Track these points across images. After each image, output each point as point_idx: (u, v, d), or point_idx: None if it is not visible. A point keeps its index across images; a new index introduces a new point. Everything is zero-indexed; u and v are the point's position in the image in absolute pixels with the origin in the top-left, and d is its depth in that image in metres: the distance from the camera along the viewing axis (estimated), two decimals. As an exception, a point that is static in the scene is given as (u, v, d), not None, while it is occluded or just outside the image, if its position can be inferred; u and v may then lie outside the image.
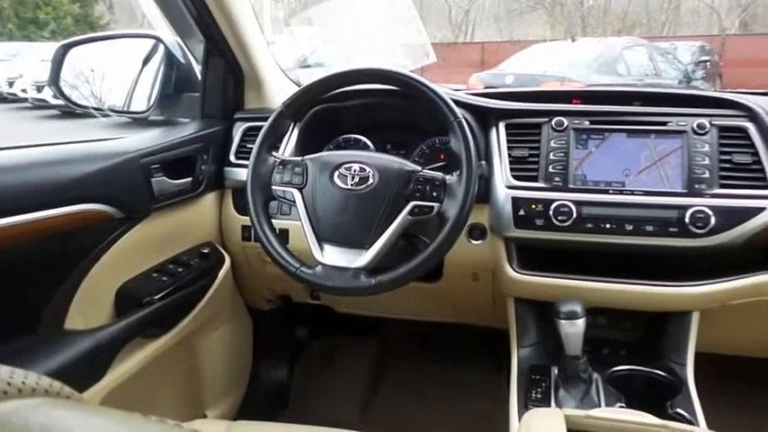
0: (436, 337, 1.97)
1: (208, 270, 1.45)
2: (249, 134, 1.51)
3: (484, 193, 1.29)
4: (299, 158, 1.22)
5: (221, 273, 1.47)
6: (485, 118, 1.35)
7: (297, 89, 1.27)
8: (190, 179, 1.41)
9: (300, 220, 1.17)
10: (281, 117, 1.25)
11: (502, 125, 1.33)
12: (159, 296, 1.27)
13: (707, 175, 1.18)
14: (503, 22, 19.07)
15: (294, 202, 1.18)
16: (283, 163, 1.22)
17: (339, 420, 1.07)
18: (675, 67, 8.02)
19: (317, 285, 1.15)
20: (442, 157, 1.41)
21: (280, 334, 1.93)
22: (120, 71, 1.77)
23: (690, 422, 1.08)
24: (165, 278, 1.32)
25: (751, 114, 1.22)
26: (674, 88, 1.54)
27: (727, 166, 1.19)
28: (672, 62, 8.18)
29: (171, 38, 1.62)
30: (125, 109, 1.71)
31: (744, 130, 1.21)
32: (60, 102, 1.55)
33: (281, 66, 1.66)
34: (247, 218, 1.22)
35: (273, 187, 1.21)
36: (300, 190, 1.19)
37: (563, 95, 1.40)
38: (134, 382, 1.24)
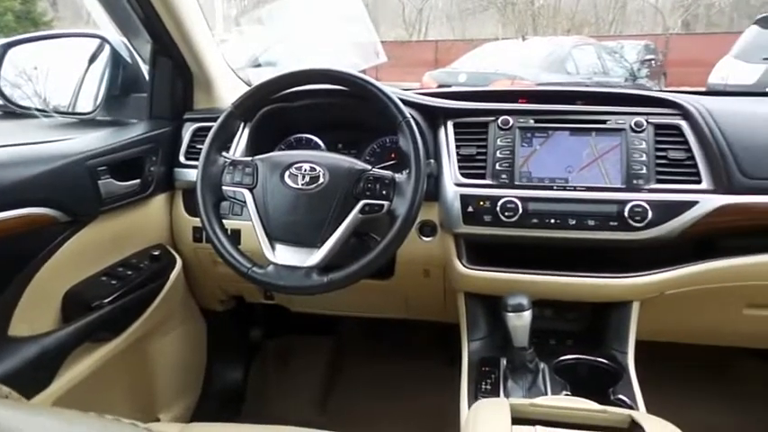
0: (391, 333, 1.99)
1: (159, 272, 1.43)
2: (199, 135, 1.50)
3: (434, 191, 1.32)
4: (250, 159, 1.22)
5: (173, 275, 1.46)
6: (433, 117, 1.38)
7: (247, 89, 1.27)
8: (138, 181, 1.39)
9: (251, 220, 1.17)
10: (230, 117, 1.25)
11: (450, 124, 1.36)
12: (109, 300, 1.25)
13: (644, 170, 1.23)
14: (456, 20, 19.27)
15: (245, 202, 1.19)
16: (233, 163, 1.22)
17: (295, 419, 1.08)
18: (622, 66, 8.25)
19: (268, 285, 1.16)
20: (393, 155, 1.43)
21: (234, 335, 1.92)
22: (64, 70, 1.73)
23: (630, 407, 1.13)
24: (114, 281, 1.30)
25: (684, 113, 1.28)
26: (613, 88, 1.60)
27: (663, 162, 1.25)
28: (619, 61, 8.40)
29: (117, 37, 1.59)
30: (70, 110, 1.68)
31: (678, 128, 1.27)
32: (0, 102, 1.51)
33: (233, 65, 1.65)
34: (198, 219, 1.22)
35: (224, 188, 1.21)
36: (251, 190, 1.19)
37: (509, 95, 1.44)
38: (83, 388, 1.22)
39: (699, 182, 1.22)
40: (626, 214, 1.20)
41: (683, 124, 1.27)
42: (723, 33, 12.21)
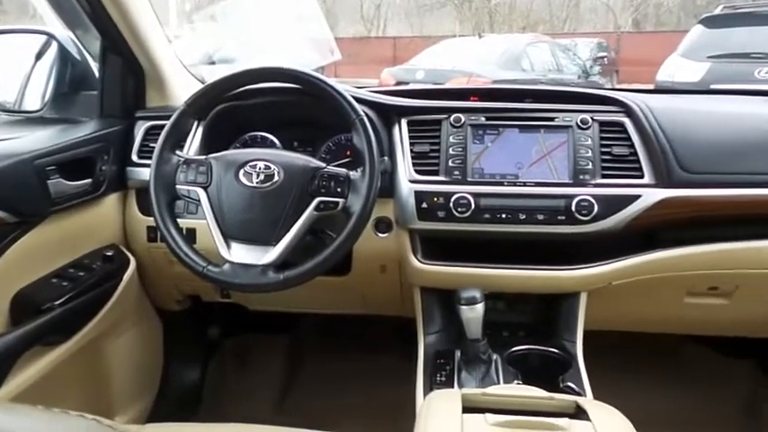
0: (349, 329, 2.01)
1: (112, 273, 1.41)
2: (152, 133, 1.48)
3: (389, 188, 1.34)
4: (204, 157, 1.22)
5: (126, 275, 1.44)
6: (387, 115, 1.40)
7: (201, 87, 1.27)
8: (90, 180, 1.37)
9: (206, 218, 1.17)
10: (183, 116, 1.24)
11: (404, 122, 1.39)
12: (59, 302, 1.23)
13: (590, 166, 1.28)
14: (414, 16, 19.37)
15: (199, 201, 1.18)
16: (187, 162, 1.21)
17: (253, 418, 1.08)
18: (576, 63, 8.45)
19: (224, 283, 1.16)
20: (348, 153, 1.44)
21: (191, 334, 1.90)
22: (9, 67, 1.69)
23: (578, 393, 1.18)
24: (65, 283, 1.28)
25: (627, 110, 1.33)
26: (561, 86, 1.65)
27: (608, 157, 1.30)
28: (572, 58, 8.61)
29: (65, 33, 1.56)
30: (16, 107, 1.63)
31: (621, 125, 1.32)
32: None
33: (186, 62, 1.63)
34: (152, 218, 1.21)
35: (178, 186, 1.20)
36: (205, 189, 1.18)
37: (461, 93, 1.47)
38: (35, 392, 1.20)
39: (641, 176, 1.28)
40: (573, 208, 1.24)
41: (627, 121, 1.32)
42: (671, 32, 12.61)
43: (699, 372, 1.88)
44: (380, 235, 1.38)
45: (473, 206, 1.27)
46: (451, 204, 1.27)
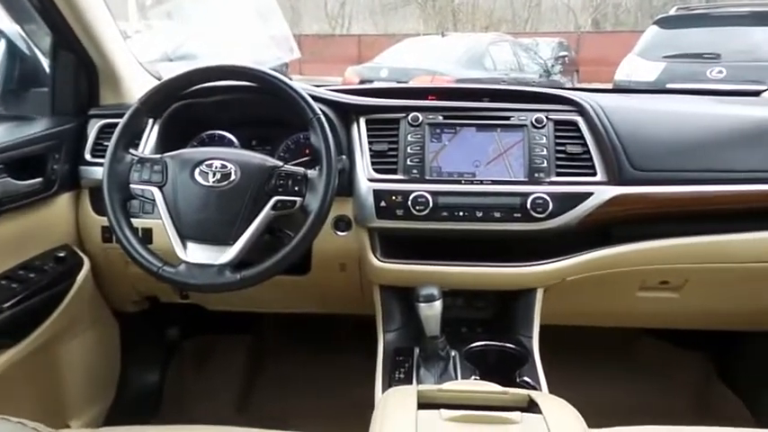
0: (312, 328, 2.00)
1: (65, 274, 1.38)
2: (105, 131, 1.45)
3: (347, 187, 1.34)
4: (158, 156, 1.20)
5: (80, 276, 1.41)
6: (346, 114, 1.40)
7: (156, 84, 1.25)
8: (40, 179, 1.33)
9: (162, 218, 1.16)
10: (137, 113, 1.22)
11: (362, 120, 1.39)
12: (8, 304, 1.20)
13: (545, 164, 1.30)
14: (378, 15, 19.39)
15: (154, 200, 1.17)
16: (141, 161, 1.19)
17: (214, 419, 1.07)
18: (537, 62, 8.57)
19: (179, 284, 1.15)
20: (307, 151, 1.44)
21: (149, 336, 1.87)
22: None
23: (533, 387, 1.20)
24: (14, 285, 1.25)
25: (580, 109, 1.36)
26: (518, 86, 1.68)
27: (562, 156, 1.32)
28: (534, 57, 8.72)
29: (13, 28, 1.51)
30: (-40, 105, 1.58)
31: (575, 124, 1.35)
32: None
33: (145, 59, 1.60)
34: (106, 218, 1.19)
35: (132, 186, 1.18)
36: (160, 188, 1.17)
37: (420, 92, 1.48)
38: (-17, 398, 1.17)
39: (594, 174, 1.31)
40: (528, 206, 1.26)
41: (580, 120, 1.35)
42: (629, 32, 12.89)
43: (652, 364, 1.94)
44: (340, 234, 1.39)
45: (431, 204, 1.28)
46: (410, 203, 1.28)
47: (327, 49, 14.97)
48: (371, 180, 1.32)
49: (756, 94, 1.64)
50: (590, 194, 1.28)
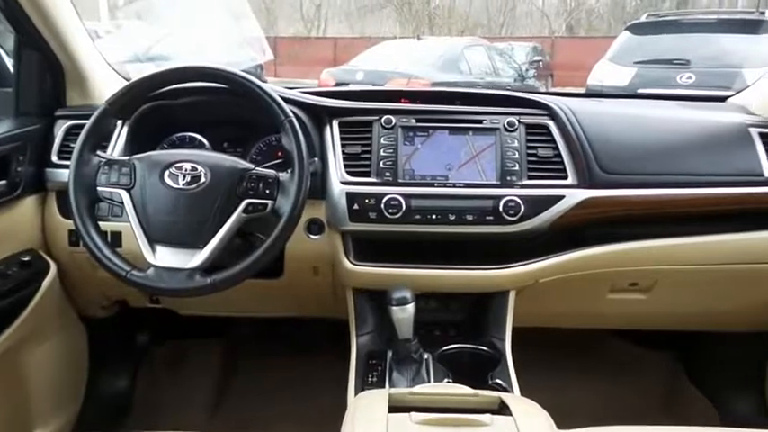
0: (285, 332, 1.99)
1: (30, 279, 1.35)
2: (72, 133, 1.43)
3: (320, 189, 1.33)
4: (127, 158, 1.18)
5: (46, 281, 1.38)
6: (319, 116, 1.39)
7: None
8: (4, 182, 1.31)
9: (130, 221, 1.14)
10: (105, 115, 1.20)
11: (335, 123, 1.38)
12: None
13: (516, 167, 1.31)
14: (354, 18, 19.40)
15: (122, 203, 1.15)
16: (109, 163, 1.18)
17: (186, 425, 1.05)
18: (512, 67, 8.66)
19: (148, 288, 1.13)
20: (280, 154, 1.43)
21: (118, 341, 1.84)
22: None
23: (505, 389, 1.21)
24: None
25: (551, 113, 1.37)
26: (492, 89, 1.69)
27: (534, 159, 1.33)
28: (509, 61, 8.81)
29: (-25, 27, 1.47)
30: None
31: (546, 127, 1.36)
32: None
33: (116, 59, 1.58)
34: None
35: (99, 189, 1.17)
36: (128, 191, 1.15)
37: (393, 95, 1.48)
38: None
39: (565, 177, 1.32)
40: (501, 209, 1.27)
41: (551, 124, 1.36)
42: (602, 38, 13.09)
43: (622, 365, 1.96)
44: (312, 237, 1.38)
45: (404, 207, 1.28)
46: (383, 205, 1.28)
47: (303, 51, 14.92)
48: (344, 183, 1.32)
49: (722, 99, 1.67)
50: (561, 197, 1.29)
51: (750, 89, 1.61)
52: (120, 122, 1.35)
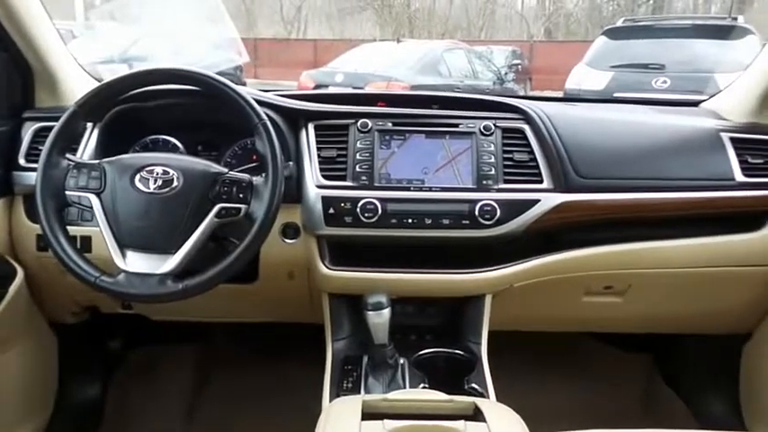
0: (259, 337, 1.97)
1: None
2: (41, 135, 1.40)
3: (296, 193, 1.32)
4: (96, 161, 1.16)
5: (12, 287, 1.34)
6: (294, 119, 1.38)
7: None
8: None
9: (99, 226, 1.12)
10: (74, 117, 1.18)
11: (311, 126, 1.37)
12: None
13: (493, 171, 1.31)
14: (334, 20, 19.39)
15: (91, 207, 1.13)
16: (78, 166, 1.15)
17: None
18: (491, 70, 8.71)
19: (118, 294, 1.11)
20: (255, 157, 1.42)
21: (89, 348, 1.80)
22: None
23: (481, 394, 1.20)
24: None
25: (527, 117, 1.38)
26: (469, 93, 1.69)
27: (509, 163, 1.34)
28: (488, 65, 8.86)
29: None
30: None
31: (522, 132, 1.37)
32: None
33: (89, 60, 1.55)
34: None
35: (67, 192, 1.14)
36: (98, 195, 1.13)
37: (369, 98, 1.48)
38: None
39: (540, 181, 1.33)
40: (477, 213, 1.27)
41: (527, 128, 1.37)
42: (580, 42, 13.25)
43: (598, 368, 1.98)
44: (288, 241, 1.36)
45: (380, 211, 1.27)
46: (358, 210, 1.27)
47: (283, 53, 14.88)
48: (320, 187, 1.31)
49: (695, 104, 1.69)
50: (536, 201, 1.30)
51: (721, 94, 1.63)
52: (90, 125, 1.33)
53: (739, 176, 1.36)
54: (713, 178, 1.36)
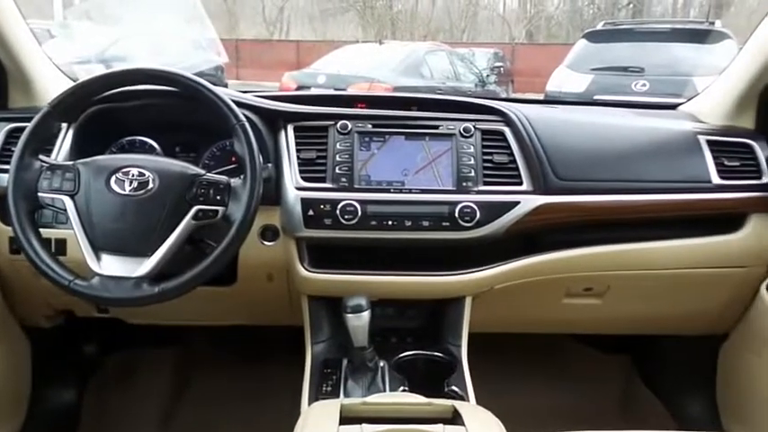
0: (239, 340, 1.95)
1: None
2: (14, 136, 1.36)
3: (275, 195, 1.31)
4: (70, 163, 1.14)
5: None
6: (273, 120, 1.37)
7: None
8: None
9: (73, 228, 1.10)
10: (48, 117, 1.16)
11: (290, 128, 1.36)
12: None
13: (472, 173, 1.31)
14: (317, 21, 19.36)
15: (65, 210, 1.11)
16: (52, 168, 1.13)
17: None
18: (473, 72, 8.74)
19: (93, 297, 1.09)
20: (234, 159, 1.40)
21: (64, 353, 1.77)
22: None
23: (461, 397, 1.20)
24: None
25: (507, 119, 1.38)
26: (444, 95, 1.69)
27: (489, 165, 1.34)
28: (470, 67, 8.89)
29: None
30: None
31: (501, 133, 1.37)
32: None
33: (66, 61, 1.52)
34: None
35: (40, 194, 1.12)
36: (72, 197, 1.11)
37: (349, 99, 1.47)
38: None
39: (520, 183, 1.33)
40: (457, 215, 1.27)
41: (506, 130, 1.37)
42: (561, 44, 13.35)
43: (578, 369, 1.99)
44: (267, 243, 1.35)
45: (360, 213, 1.26)
46: (338, 211, 1.26)
47: (266, 54, 14.81)
48: (299, 188, 1.30)
49: (673, 107, 1.71)
50: (516, 203, 1.30)
51: (699, 97, 1.65)
52: (65, 125, 1.30)
53: (716, 179, 1.38)
54: (690, 180, 1.38)
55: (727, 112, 1.50)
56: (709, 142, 1.41)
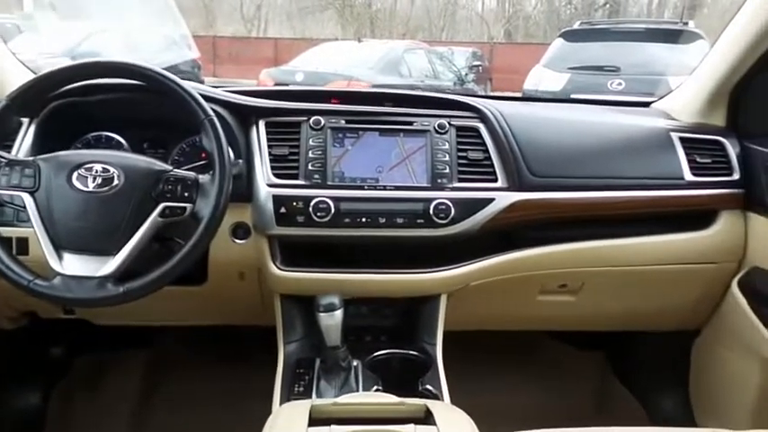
0: (212, 341, 1.91)
1: None
2: None
3: (246, 192, 1.28)
4: (30, 159, 1.10)
5: None
6: (244, 116, 1.34)
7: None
8: None
9: (33, 227, 1.06)
10: (5, 111, 1.12)
11: (262, 123, 1.33)
12: None
13: (447, 170, 1.30)
14: (295, 19, 19.25)
15: (24, 207, 1.07)
16: (11, 164, 1.09)
17: None
18: (452, 70, 8.77)
19: (54, 298, 1.06)
20: (204, 155, 1.37)
21: (29, 355, 1.72)
22: None
23: (435, 396, 1.19)
24: None
25: (481, 116, 1.37)
26: (419, 91, 1.68)
27: (464, 161, 1.32)
28: (449, 65, 8.93)
29: None
30: None
31: (476, 130, 1.36)
32: None
33: (36, 55, 1.47)
34: None
35: None
36: (32, 194, 1.08)
37: (322, 95, 1.45)
38: None
39: (495, 180, 1.32)
40: (431, 212, 1.25)
41: (481, 126, 1.36)
42: (539, 44, 13.43)
43: (553, 366, 1.99)
44: (238, 241, 1.32)
45: (333, 210, 1.24)
46: (311, 209, 1.24)
47: (244, 51, 14.68)
48: (271, 185, 1.27)
49: (647, 104, 1.72)
50: (491, 200, 1.29)
51: (671, 95, 1.66)
52: (26, 120, 1.26)
53: (688, 175, 1.38)
54: (664, 177, 1.38)
55: (698, 109, 1.51)
56: (682, 139, 1.42)
